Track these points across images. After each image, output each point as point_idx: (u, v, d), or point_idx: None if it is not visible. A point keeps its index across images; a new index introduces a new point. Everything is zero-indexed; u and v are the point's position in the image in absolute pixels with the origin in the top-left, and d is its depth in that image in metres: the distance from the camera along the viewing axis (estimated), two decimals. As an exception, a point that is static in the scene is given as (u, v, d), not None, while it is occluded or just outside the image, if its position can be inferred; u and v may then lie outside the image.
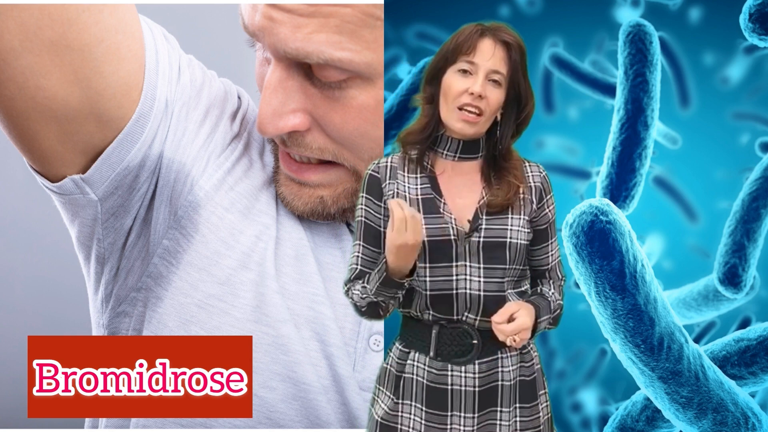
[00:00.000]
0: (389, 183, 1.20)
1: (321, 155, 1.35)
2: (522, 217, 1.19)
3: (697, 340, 1.71)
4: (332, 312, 1.35)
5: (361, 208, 1.21)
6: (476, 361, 1.17)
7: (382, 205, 1.20)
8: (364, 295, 1.17)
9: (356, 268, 1.20)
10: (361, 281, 1.18)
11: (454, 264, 1.17)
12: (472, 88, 1.15)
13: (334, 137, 1.33)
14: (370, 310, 1.18)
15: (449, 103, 1.17)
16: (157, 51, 1.33)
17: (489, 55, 1.17)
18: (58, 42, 1.21)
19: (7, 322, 3.18)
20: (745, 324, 2.13)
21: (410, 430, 1.18)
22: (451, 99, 1.17)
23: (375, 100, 1.30)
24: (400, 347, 1.21)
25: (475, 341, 1.17)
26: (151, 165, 1.34)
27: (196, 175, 1.36)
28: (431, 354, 1.18)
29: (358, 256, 1.20)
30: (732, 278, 1.78)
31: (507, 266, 1.18)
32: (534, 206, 1.21)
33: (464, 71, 1.17)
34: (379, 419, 1.20)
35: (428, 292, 1.17)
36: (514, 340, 1.13)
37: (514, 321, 1.14)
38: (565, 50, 2.20)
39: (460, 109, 1.16)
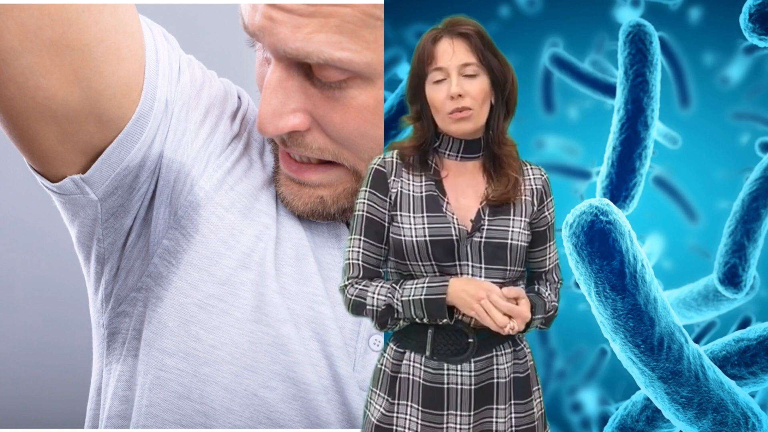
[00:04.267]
0: (394, 180, 1.20)
1: (321, 155, 1.35)
2: (523, 219, 1.20)
3: (697, 340, 1.71)
4: (332, 312, 1.35)
5: (363, 203, 1.20)
6: (472, 360, 1.18)
7: (388, 200, 1.20)
8: (386, 299, 1.16)
9: (358, 264, 1.19)
10: (378, 282, 1.19)
11: (457, 263, 1.17)
12: (450, 91, 1.16)
13: (334, 137, 1.33)
14: (382, 315, 1.17)
15: (440, 113, 1.18)
16: (157, 51, 1.33)
17: (450, 54, 1.17)
18: (58, 42, 1.21)
19: (7, 322, 3.18)
20: (745, 324, 2.13)
21: (406, 430, 1.17)
22: (440, 109, 1.18)
23: (375, 100, 1.30)
24: (394, 347, 1.20)
25: (471, 340, 1.17)
26: (151, 165, 1.34)
27: (196, 175, 1.36)
28: (427, 353, 1.18)
29: (359, 252, 1.19)
30: (732, 278, 1.78)
31: (508, 267, 1.18)
32: (534, 208, 1.22)
33: (439, 80, 1.18)
34: (375, 421, 1.19)
35: None
36: (512, 328, 1.13)
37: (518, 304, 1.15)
38: (565, 50, 2.20)
39: (450, 113, 1.17)
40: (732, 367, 1.33)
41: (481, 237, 1.17)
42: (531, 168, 1.24)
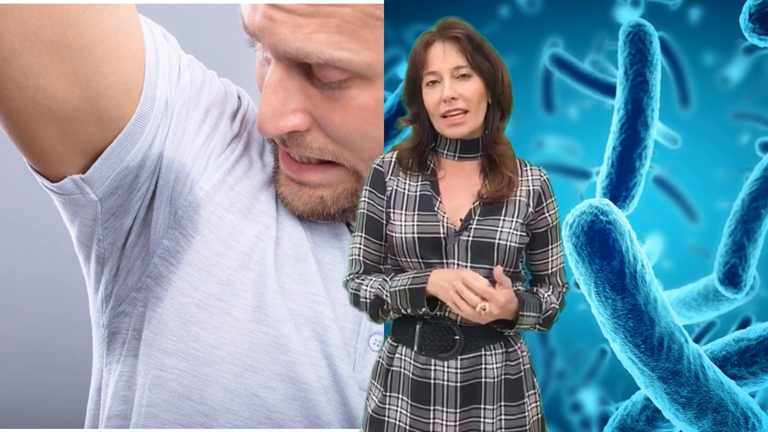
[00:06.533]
0: (391, 178, 1.22)
1: (321, 155, 1.35)
2: (515, 219, 1.20)
3: (697, 340, 1.71)
4: (332, 312, 1.35)
5: (364, 201, 1.23)
6: (459, 357, 1.19)
7: (385, 198, 1.22)
8: (377, 290, 1.18)
9: (359, 260, 1.22)
10: (375, 275, 1.20)
11: (444, 261, 1.18)
12: (443, 94, 1.18)
13: (334, 137, 1.33)
14: (372, 306, 1.19)
15: (433, 115, 1.20)
16: (157, 51, 1.33)
17: (442, 58, 1.19)
18: (58, 42, 1.21)
19: (7, 322, 3.18)
20: (745, 324, 2.13)
21: (397, 422, 1.19)
22: (434, 112, 1.20)
23: (375, 100, 1.30)
24: (390, 341, 1.23)
25: (457, 337, 1.18)
26: (151, 165, 1.34)
27: (196, 175, 1.36)
28: (416, 348, 1.20)
29: (360, 248, 1.22)
30: (732, 278, 1.78)
31: (494, 267, 1.18)
32: (531, 209, 1.22)
33: (432, 82, 1.20)
34: (371, 412, 1.22)
35: None
36: (483, 308, 1.13)
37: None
38: (565, 50, 2.20)
39: (444, 116, 1.19)
40: (732, 367, 1.33)
41: (469, 236, 1.18)
42: (530, 168, 1.24)
